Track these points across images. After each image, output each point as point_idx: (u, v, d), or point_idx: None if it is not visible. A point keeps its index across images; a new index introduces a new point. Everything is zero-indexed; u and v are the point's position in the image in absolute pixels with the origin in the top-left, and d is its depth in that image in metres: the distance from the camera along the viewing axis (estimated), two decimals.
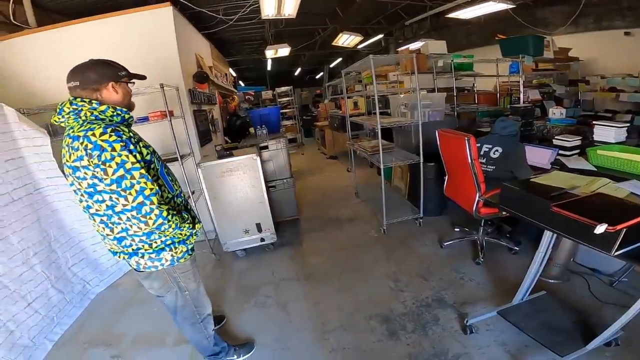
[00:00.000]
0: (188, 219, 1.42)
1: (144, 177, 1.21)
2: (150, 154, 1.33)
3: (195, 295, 1.61)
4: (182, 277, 1.51)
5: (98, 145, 1.14)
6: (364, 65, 3.45)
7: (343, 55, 10.14)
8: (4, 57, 3.03)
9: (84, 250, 2.85)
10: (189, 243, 1.47)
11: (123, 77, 1.35)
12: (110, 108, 1.27)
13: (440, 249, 2.84)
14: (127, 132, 1.24)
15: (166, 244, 1.39)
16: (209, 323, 1.73)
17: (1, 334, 2.02)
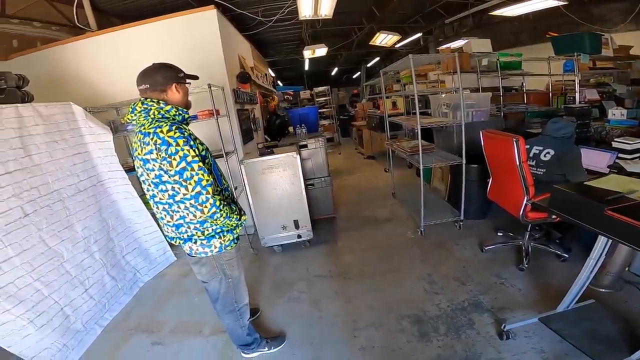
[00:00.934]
0: (236, 210, 1.56)
1: (202, 170, 1.35)
2: (205, 150, 1.48)
3: (236, 283, 1.74)
4: (227, 264, 1.65)
5: (165, 141, 1.31)
6: (403, 64, 3.43)
7: (380, 54, 10.04)
8: (71, 58, 3.40)
9: (137, 240, 3.12)
10: (235, 233, 1.61)
11: (182, 78, 1.52)
12: (174, 108, 1.45)
13: (481, 253, 2.75)
14: (187, 130, 1.41)
15: (216, 232, 1.53)
16: (245, 313, 1.85)
17: (57, 318, 2.20)
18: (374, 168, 6.40)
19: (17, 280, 1.98)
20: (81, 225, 2.57)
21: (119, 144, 3.29)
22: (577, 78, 4.13)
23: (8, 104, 2.19)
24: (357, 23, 6.73)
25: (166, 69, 1.51)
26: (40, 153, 2.37)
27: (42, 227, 2.21)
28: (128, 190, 3.01)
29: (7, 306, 1.90)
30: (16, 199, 2.09)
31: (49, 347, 2.07)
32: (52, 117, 2.53)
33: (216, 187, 1.48)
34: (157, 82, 1.45)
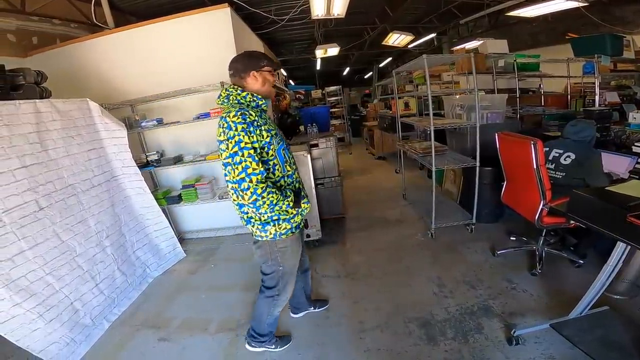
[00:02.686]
0: (289, 197, 1.54)
1: (250, 157, 1.41)
2: (271, 137, 1.51)
3: (286, 273, 1.75)
4: (280, 252, 1.67)
5: (229, 125, 1.41)
6: (416, 65, 3.40)
7: (393, 54, 9.97)
8: (88, 56, 3.48)
9: (147, 236, 3.17)
10: (293, 222, 1.62)
11: (263, 66, 1.57)
12: (250, 95, 1.53)
13: (493, 257, 2.70)
14: (253, 116, 1.45)
15: (272, 219, 1.57)
16: (279, 305, 1.86)
17: (67, 313, 2.23)
18: (384, 169, 6.37)
19: (29, 274, 2.03)
20: (94, 220, 2.62)
21: (133, 140, 3.36)
22: (597, 80, 4.02)
23: (26, 100, 2.25)
24: (369, 23, 6.70)
25: (248, 57, 1.60)
26: (57, 148, 2.44)
27: (56, 221, 2.27)
28: (141, 186, 3.07)
29: (17, 299, 1.93)
30: (31, 192, 2.15)
31: (56, 342, 2.10)
32: (69, 113, 2.60)
33: (278, 172, 1.56)
34: (237, 69, 1.56)
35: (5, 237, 1.93)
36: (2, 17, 3.29)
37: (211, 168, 3.71)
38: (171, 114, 3.48)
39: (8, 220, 1.96)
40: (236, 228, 3.82)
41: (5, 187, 1.98)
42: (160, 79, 3.38)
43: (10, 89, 2.22)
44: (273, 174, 1.55)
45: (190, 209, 3.86)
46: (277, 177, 1.57)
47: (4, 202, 1.96)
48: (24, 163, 2.15)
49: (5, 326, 1.88)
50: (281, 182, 1.59)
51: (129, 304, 2.70)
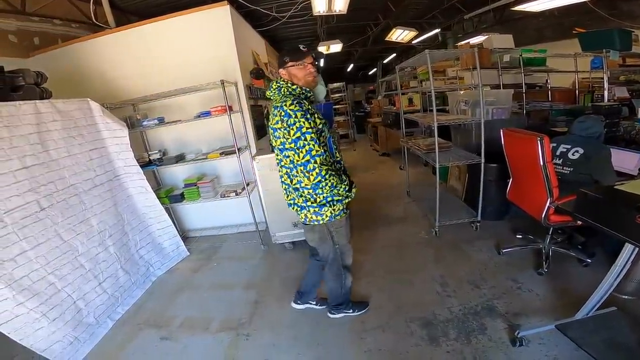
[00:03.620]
0: (345, 181, 1.68)
1: (313, 140, 1.52)
2: (322, 125, 1.62)
3: (343, 250, 1.90)
4: (336, 232, 1.79)
5: (287, 113, 1.51)
6: (419, 60, 3.34)
7: (397, 50, 9.88)
8: (89, 55, 3.47)
9: (150, 235, 3.18)
10: (344, 203, 1.73)
11: (287, 62, 1.67)
12: (299, 88, 1.65)
13: (497, 256, 2.65)
14: (307, 104, 1.57)
15: (327, 200, 1.67)
16: (348, 275, 2.02)
17: (70, 312, 2.24)
18: (388, 165, 6.32)
19: (31, 274, 2.04)
20: (97, 219, 2.63)
21: (135, 139, 3.37)
22: (605, 75, 3.96)
23: (26, 101, 2.25)
24: (372, 19, 6.62)
25: (289, 51, 1.70)
26: (58, 148, 2.44)
27: (57, 221, 2.28)
28: (143, 185, 3.07)
29: (21, 299, 1.95)
30: (33, 193, 2.16)
31: (60, 340, 2.11)
32: (70, 113, 2.60)
33: (328, 158, 1.62)
34: (282, 63, 1.68)
35: (7, 237, 1.94)
36: (2, 18, 3.29)
37: (213, 167, 3.70)
38: (173, 113, 3.47)
39: (10, 220, 1.97)
40: (239, 226, 3.82)
41: (6, 188, 1.99)
42: (161, 77, 3.37)
43: (10, 90, 2.23)
44: (325, 160, 1.61)
45: (194, 208, 3.86)
46: (328, 162, 1.64)
47: (5, 203, 1.97)
48: (25, 164, 2.15)
49: (9, 325, 1.89)
50: (333, 166, 1.68)
51: (132, 302, 2.71)
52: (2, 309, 1.87)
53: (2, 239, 1.91)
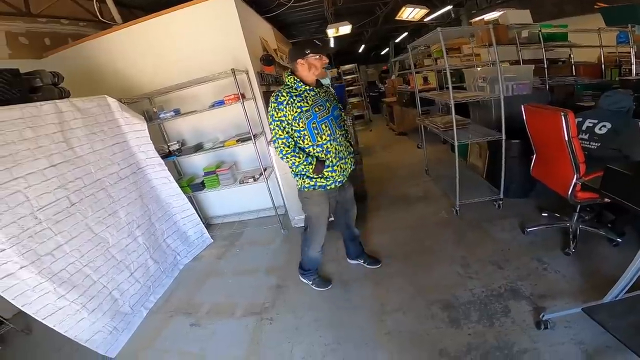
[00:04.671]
0: (310, 164, 1.90)
1: (277, 127, 1.85)
2: (299, 113, 1.83)
3: (313, 221, 2.15)
4: (305, 201, 2.10)
5: (270, 102, 1.85)
6: (431, 39, 3.19)
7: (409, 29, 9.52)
8: (101, 52, 3.50)
9: (176, 224, 3.27)
10: (316, 181, 1.98)
11: (308, 54, 1.84)
12: (292, 78, 1.88)
13: (522, 235, 2.56)
14: (284, 97, 1.82)
15: (300, 173, 1.98)
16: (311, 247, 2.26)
17: (107, 302, 2.35)
18: (406, 145, 6.18)
19: (68, 267, 2.14)
20: (124, 211, 2.72)
21: (154, 131, 3.42)
22: (632, 50, 3.75)
23: (46, 101, 2.31)
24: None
25: (295, 46, 1.98)
26: (82, 145, 2.51)
27: (87, 215, 2.37)
28: (165, 175, 3.14)
29: (62, 292, 2.06)
30: (62, 189, 2.24)
31: (101, 330, 2.23)
32: (89, 111, 2.65)
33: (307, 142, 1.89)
34: (290, 57, 1.93)
35: (42, 233, 2.04)
36: (9, 20, 3.33)
37: (231, 154, 3.74)
38: (188, 104, 3.49)
39: (43, 217, 2.06)
40: (259, 211, 3.88)
41: (37, 186, 2.08)
42: (173, 70, 3.37)
43: (29, 92, 2.28)
44: (303, 142, 1.90)
45: (215, 195, 3.94)
46: (305, 145, 1.91)
47: (38, 201, 2.06)
48: (52, 162, 2.23)
49: (53, 318, 2.00)
50: (309, 149, 1.92)
51: (163, 291, 2.82)
52: (44, 302, 1.98)
53: (38, 234, 2.01)
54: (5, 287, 1.83)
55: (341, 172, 2.01)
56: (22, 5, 3.40)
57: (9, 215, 1.89)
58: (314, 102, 1.87)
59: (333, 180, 1.99)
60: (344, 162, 2.04)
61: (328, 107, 1.93)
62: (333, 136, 1.94)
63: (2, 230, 1.84)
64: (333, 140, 1.95)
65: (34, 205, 2.03)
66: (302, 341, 1.98)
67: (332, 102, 2.01)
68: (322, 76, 1.97)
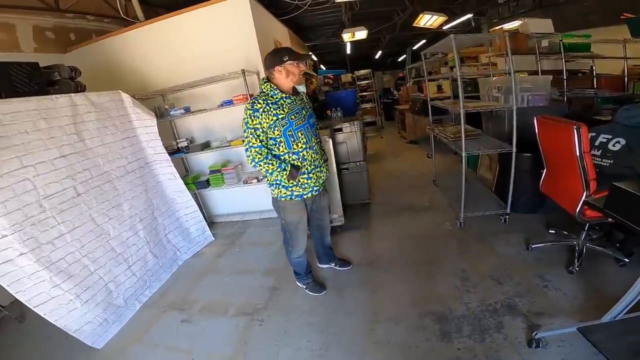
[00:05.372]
0: (284, 170, 1.91)
1: (251, 135, 1.87)
2: (275, 120, 1.86)
3: (291, 228, 2.17)
4: (282, 209, 2.11)
5: (245, 110, 1.87)
6: (445, 46, 3.18)
7: (427, 37, 9.50)
8: (121, 49, 3.65)
9: (178, 220, 3.34)
10: (291, 190, 2.01)
11: (286, 61, 1.87)
12: (269, 85, 1.91)
13: (526, 251, 2.52)
14: (260, 104, 1.85)
15: (274, 182, 2.01)
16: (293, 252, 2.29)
17: (101, 294, 2.39)
18: (415, 153, 6.15)
19: (67, 256, 2.21)
20: (128, 204, 2.80)
21: (165, 128, 3.53)
22: None
23: (63, 94, 2.42)
24: (398, 5, 6.36)
25: (272, 54, 1.93)
26: (93, 138, 2.61)
27: (92, 206, 2.46)
28: (171, 171, 3.22)
29: (57, 281, 2.11)
30: (70, 179, 2.34)
31: (91, 321, 2.28)
32: (103, 105, 2.75)
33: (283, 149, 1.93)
34: (266, 65, 1.93)
35: (46, 221, 2.12)
36: (39, 15, 3.51)
37: (237, 154, 3.80)
38: (199, 102, 3.59)
39: (48, 205, 2.15)
40: (262, 212, 3.92)
41: (45, 175, 2.17)
42: (187, 68, 3.48)
43: (47, 85, 2.39)
44: (278, 149, 1.93)
45: (220, 194, 4.02)
46: (280, 152, 1.94)
47: (45, 189, 2.15)
48: (63, 152, 2.33)
49: (45, 307, 2.05)
50: (285, 157, 1.95)
51: (159, 285, 2.88)
52: (39, 290, 2.04)
53: (41, 223, 2.09)
54: (3, 273, 1.90)
55: (317, 179, 2.07)
56: (52, 1, 3.57)
57: (15, 202, 1.98)
58: (290, 109, 1.91)
59: (310, 189, 2.05)
60: (319, 171, 2.10)
61: (304, 115, 1.99)
62: (309, 144, 1.99)
63: (6, 216, 1.92)
64: (309, 149, 2.00)
65: (41, 194, 2.12)
66: (290, 345, 1.99)
67: (308, 110, 2.07)
68: (300, 83, 2.00)
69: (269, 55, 1.93)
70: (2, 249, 1.90)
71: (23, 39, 3.47)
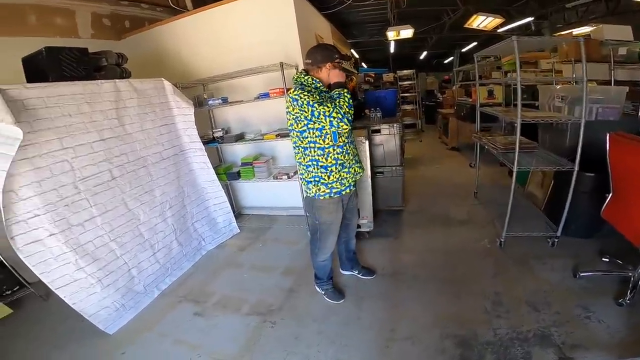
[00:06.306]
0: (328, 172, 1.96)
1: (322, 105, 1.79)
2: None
3: (324, 229, 2.16)
4: (318, 208, 2.09)
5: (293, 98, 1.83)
6: (503, 48, 2.98)
7: (479, 39, 9.07)
8: (168, 38, 3.86)
9: (207, 209, 3.47)
10: (330, 187, 2.00)
11: (336, 59, 1.95)
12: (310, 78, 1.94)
13: (572, 279, 2.32)
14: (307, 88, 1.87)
15: (314, 179, 1.99)
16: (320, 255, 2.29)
17: (123, 279, 2.48)
18: (457, 161, 5.91)
19: (96, 239, 2.34)
20: (160, 190, 2.93)
21: (203, 117, 3.69)
22: None
23: (108, 80, 2.59)
24: (449, 4, 6.12)
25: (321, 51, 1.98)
26: (133, 123, 2.76)
27: (125, 190, 2.60)
28: (204, 160, 3.34)
29: (82, 264, 2.23)
30: (107, 163, 2.49)
31: (108, 306, 2.37)
32: (145, 92, 2.90)
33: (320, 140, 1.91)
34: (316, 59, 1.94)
35: (79, 203, 2.26)
36: (96, 2, 3.80)
37: (271, 148, 3.87)
38: (237, 93, 3.69)
39: (83, 187, 2.30)
40: (289, 209, 3.96)
41: (83, 157, 2.33)
42: (228, 59, 3.59)
43: (94, 70, 2.58)
44: (323, 141, 1.90)
45: (250, 186, 4.12)
46: (325, 145, 1.91)
47: (82, 171, 2.31)
48: (102, 136, 2.48)
49: (66, 289, 2.16)
50: (329, 149, 1.93)
51: (180, 274, 2.98)
52: (63, 272, 2.15)
53: (74, 204, 2.23)
54: (30, 252, 2.01)
55: (354, 174, 2.10)
56: None
57: (51, 182, 2.12)
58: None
59: (348, 185, 2.06)
60: (358, 166, 2.14)
61: None
62: (350, 138, 2.05)
63: (41, 196, 2.05)
64: (350, 143, 2.06)
65: (77, 176, 2.27)
66: (298, 353, 1.98)
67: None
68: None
69: (319, 50, 1.98)
70: (32, 229, 2.02)
71: (82, 25, 3.78)
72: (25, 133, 1.88)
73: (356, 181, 2.17)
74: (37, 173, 2.06)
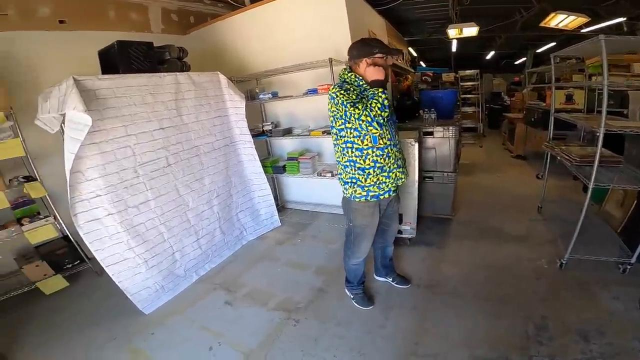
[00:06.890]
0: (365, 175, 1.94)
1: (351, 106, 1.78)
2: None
3: (358, 233, 2.15)
4: (353, 210, 2.08)
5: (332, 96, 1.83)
6: (588, 49, 2.69)
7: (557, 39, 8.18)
8: (226, 33, 4.12)
9: (251, 200, 3.67)
10: (367, 190, 1.97)
11: (375, 53, 1.86)
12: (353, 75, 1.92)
13: (638, 310, 2.08)
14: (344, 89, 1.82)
15: (351, 179, 1.99)
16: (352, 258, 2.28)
17: (167, 261, 2.68)
18: (521, 171, 5.48)
19: (147, 222, 2.61)
20: (209, 179, 3.17)
21: (255, 110, 3.90)
22: None
23: (169, 73, 2.85)
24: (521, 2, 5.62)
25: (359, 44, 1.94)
26: (189, 114, 3.01)
27: (178, 177, 2.86)
28: (252, 153, 3.54)
29: (132, 244, 2.47)
30: (164, 150, 2.76)
31: (149, 287, 2.59)
32: (202, 84, 3.14)
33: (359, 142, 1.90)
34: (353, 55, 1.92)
35: (137, 186, 2.55)
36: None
37: (318, 144, 3.96)
38: (287, 88, 3.84)
39: (142, 172, 2.59)
40: (332, 207, 4.03)
41: (144, 144, 2.61)
42: (280, 54, 3.74)
43: (158, 63, 2.86)
44: (362, 142, 1.87)
45: (295, 180, 4.26)
46: (364, 146, 1.89)
47: (142, 157, 2.59)
48: (162, 125, 2.76)
49: (115, 267, 2.39)
50: (368, 151, 1.89)
51: (219, 262, 3.19)
52: (115, 251, 2.39)
53: (132, 187, 2.52)
54: (89, 230, 2.27)
55: (395, 180, 2.02)
56: None
57: (114, 166, 2.41)
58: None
59: (387, 189, 2.01)
60: (400, 171, 2.06)
61: (390, 111, 1.90)
62: (393, 141, 1.98)
63: (104, 177, 2.35)
64: (393, 146, 1.98)
65: (137, 161, 2.56)
66: (315, 355, 2.02)
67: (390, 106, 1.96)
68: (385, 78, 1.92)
69: (358, 45, 1.92)
70: (93, 208, 2.30)
71: (153, 20, 4.19)
72: (95, 120, 2.15)
73: (398, 187, 2.11)
74: (103, 157, 2.36)
